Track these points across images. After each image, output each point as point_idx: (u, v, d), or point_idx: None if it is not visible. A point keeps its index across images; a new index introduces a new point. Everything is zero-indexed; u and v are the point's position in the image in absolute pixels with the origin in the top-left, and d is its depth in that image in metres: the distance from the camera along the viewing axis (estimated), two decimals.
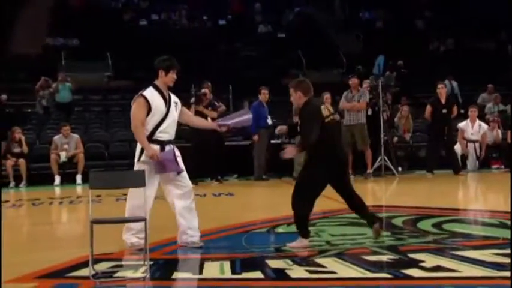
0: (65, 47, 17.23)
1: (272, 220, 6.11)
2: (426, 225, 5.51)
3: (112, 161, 11.87)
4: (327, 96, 11.37)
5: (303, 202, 4.63)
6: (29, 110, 14.40)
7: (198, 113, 10.30)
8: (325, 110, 4.76)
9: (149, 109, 4.68)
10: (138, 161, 4.78)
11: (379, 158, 10.83)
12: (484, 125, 12.13)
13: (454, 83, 15.73)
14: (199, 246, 4.76)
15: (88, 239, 3.93)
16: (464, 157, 11.82)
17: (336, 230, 5.45)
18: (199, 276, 3.90)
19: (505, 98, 14.34)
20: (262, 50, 18.74)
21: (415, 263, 3.94)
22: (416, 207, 6.89)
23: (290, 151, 4.68)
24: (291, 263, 4.08)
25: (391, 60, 15.48)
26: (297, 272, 3.87)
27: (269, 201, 8.81)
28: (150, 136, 4.72)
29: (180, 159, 4.85)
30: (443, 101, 10.81)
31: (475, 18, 19.30)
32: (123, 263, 4.38)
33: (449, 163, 10.93)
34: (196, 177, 10.42)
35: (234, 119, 5.11)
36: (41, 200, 8.86)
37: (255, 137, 10.87)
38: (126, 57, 16.58)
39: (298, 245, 4.60)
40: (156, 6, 20.56)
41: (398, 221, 5.83)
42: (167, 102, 4.77)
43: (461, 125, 11.87)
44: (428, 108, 10.93)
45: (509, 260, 3.80)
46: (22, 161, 11.12)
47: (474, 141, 11.90)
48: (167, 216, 6.62)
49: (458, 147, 11.58)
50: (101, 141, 12.69)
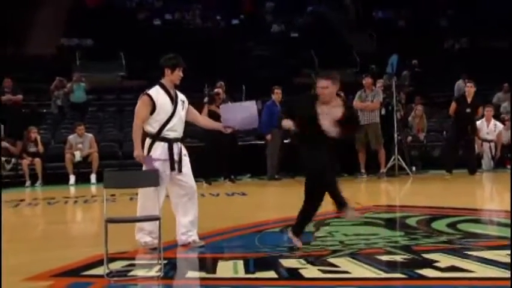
0: (79, 47, 17.36)
1: (285, 220, 6.09)
2: (440, 225, 5.47)
3: (126, 161, 11.91)
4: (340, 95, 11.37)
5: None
6: (44, 110, 14.53)
7: (211, 113, 10.32)
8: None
9: (154, 107, 4.70)
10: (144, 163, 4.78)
11: (393, 157, 10.78)
12: (499, 125, 12.01)
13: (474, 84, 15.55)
14: (201, 245, 4.77)
15: (102, 237, 3.96)
16: (479, 156, 11.72)
17: (349, 229, 5.43)
18: (213, 275, 3.92)
19: None
20: (275, 49, 18.72)
21: (429, 263, 3.92)
22: (431, 207, 6.84)
23: (285, 122, 4.52)
24: (305, 262, 4.08)
25: (405, 60, 15.40)
26: (311, 271, 3.86)
27: (282, 200, 8.81)
28: (158, 134, 4.73)
29: (187, 159, 4.88)
30: (469, 100, 10.65)
31: (490, 17, 19.12)
32: (137, 262, 4.41)
33: (466, 163, 10.81)
34: (209, 177, 10.48)
35: (238, 117, 5.01)
36: (56, 199, 8.94)
37: (268, 137, 10.87)
38: (140, 57, 16.65)
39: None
40: (169, 6, 20.64)
41: (412, 221, 5.80)
42: (173, 100, 4.78)
43: (477, 123, 11.75)
44: (453, 105, 10.77)
45: None
46: (38, 160, 11.22)
47: (489, 141, 11.79)
48: None
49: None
50: (114, 140, 12.77)
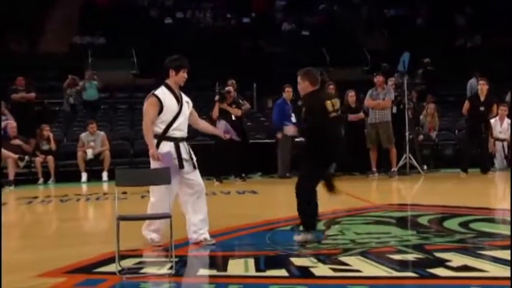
0: (91, 46, 17.45)
1: (296, 218, 6.06)
2: (452, 224, 5.45)
3: (137, 158, 11.99)
4: (351, 94, 11.36)
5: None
6: (57, 108, 14.63)
7: (222, 111, 10.35)
8: (330, 105, 4.79)
9: (161, 108, 4.77)
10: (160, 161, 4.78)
11: (404, 156, 10.73)
12: None
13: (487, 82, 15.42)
14: (213, 243, 4.80)
15: (114, 235, 3.99)
16: (492, 155, 11.62)
17: (360, 228, 5.42)
18: (224, 273, 3.93)
19: None
20: (286, 47, 18.69)
21: (441, 263, 3.91)
22: (442, 206, 6.81)
23: (290, 129, 5.03)
24: (316, 261, 4.08)
25: (417, 58, 15.28)
26: (322, 270, 3.86)
27: (293, 199, 8.77)
28: (164, 134, 4.79)
29: (193, 158, 4.91)
30: (483, 98, 10.57)
31: (504, 14, 18.93)
32: (149, 260, 4.44)
33: (479, 161, 10.72)
34: (220, 175, 10.50)
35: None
36: (69, 196, 9.01)
37: (279, 135, 10.87)
38: (152, 55, 16.68)
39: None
40: (181, 4, 20.67)
41: (423, 220, 5.78)
42: (179, 100, 4.85)
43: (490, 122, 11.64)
44: (466, 103, 10.70)
45: None
46: (50, 158, 11.30)
47: (502, 140, 11.69)
48: None
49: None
50: (126, 138, 12.83)
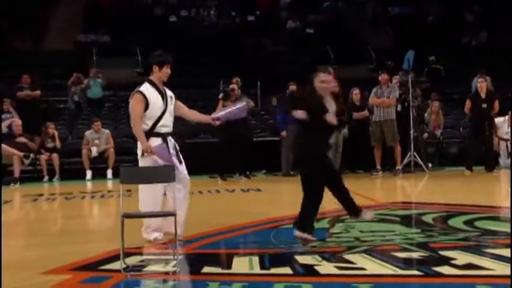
0: (96, 44, 17.48)
1: None
2: (457, 222, 5.43)
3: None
4: (356, 92, 11.34)
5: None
6: (62, 105, 14.67)
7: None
8: None
9: (147, 104, 4.80)
10: (141, 156, 4.86)
11: (409, 154, 10.71)
12: None
13: (488, 79, 15.38)
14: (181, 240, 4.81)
15: (119, 232, 3.99)
16: (497, 154, 11.59)
17: (365, 226, 5.40)
18: (228, 271, 3.93)
19: None
20: (290, 45, 18.68)
21: (446, 261, 3.90)
22: (447, 204, 6.80)
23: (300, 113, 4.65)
24: (320, 259, 4.07)
25: (422, 56, 15.23)
26: (326, 268, 3.86)
27: (297, 197, 8.76)
28: (151, 130, 4.83)
29: (179, 154, 4.95)
30: (483, 95, 10.56)
31: (509, 11, 18.84)
32: (153, 257, 4.44)
33: (483, 160, 10.69)
34: (224, 173, 10.52)
35: (227, 111, 5.12)
36: (74, 194, 9.04)
37: (283, 133, 10.87)
38: None
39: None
40: (185, 2, 20.68)
41: (428, 218, 5.76)
42: (164, 96, 4.89)
43: (498, 121, 11.58)
44: (468, 102, 10.69)
45: None
46: (55, 155, 11.34)
47: (506, 140, 11.64)
48: (196, 212, 6.70)
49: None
50: (130, 136, 12.78)
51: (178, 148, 4.97)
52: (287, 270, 3.85)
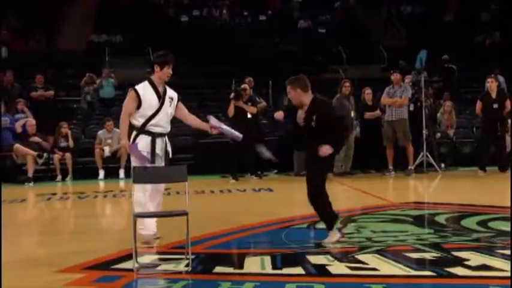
0: (108, 44, 17.57)
1: (312, 216, 6.07)
2: (471, 222, 5.39)
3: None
4: (368, 91, 11.30)
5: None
6: (75, 105, 14.77)
7: (237, 109, 10.37)
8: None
9: (140, 102, 4.86)
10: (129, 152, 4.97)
11: (421, 154, 10.64)
12: None
13: (500, 78, 15.23)
14: (157, 237, 4.91)
15: (131, 232, 4.02)
16: (510, 153, 11.46)
17: (377, 226, 5.39)
18: (240, 270, 3.93)
19: None
20: (302, 45, 18.65)
21: (460, 262, 3.87)
22: (460, 204, 6.74)
23: (326, 150, 4.49)
24: (332, 259, 4.06)
25: (434, 55, 15.12)
26: (338, 268, 3.85)
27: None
28: (142, 127, 4.88)
29: (167, 156, 4.97)
30: (494, 95, 10.48)
31: None
32: (165, 257, 4.46)
33: (497, 160, 10.59)
34: (236, 173, 10.52)
35: (225, 127, 5.16)
36: (86, 193, 9.09)
37: None
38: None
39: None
40: (197, 2, 20.72)
41: (441, 218, 5.73)
42: (160, 96, 4.92)
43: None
44: (479, 103, 10.62)
45: None
46: (68, 155, 11.41)
47: None
48: (207, 211, 6.72)
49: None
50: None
51: (169, 149, 4.99)
52: (299, 270, 3.85)
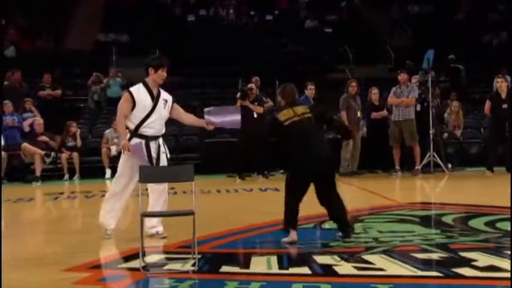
0: (115, 43, 17.61)
1: (318, 216, 6.06)
2: (478, 223, 5.37)
3: None
4: (374, 91, 11.27)
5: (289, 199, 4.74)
6: (82, 104, 14.82)
7: (244, 108, 10.36)
8: (284, 115, 4.74)
9: (134, 104, 4.93)
10: (123, 153, 5.08)
11: (428, 154, 10.61)
12: None
13: (508, 78, 15.16)
14: (164, 236, 4.99)
15: (138, 231, 4.03)
16: None
17: (384, 226, 5.38)
18: (247, 270, 3.94)
19: None
20: (308, 45, 18.63)
21: (467, 262, 3.86)
22: (467, 205, 6.71)
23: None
24: (339, 259, 4.06)
25: (441, 55, 15.06)
26: (345, 268, 3.85)
27: (315, 197, 8.76)
28: (136, 130, 4.96)
29: (164, 156, 5.07)
30: (504, 95, 10.41)
31: None
32: (172, 256, 4.46)
33: (505, 160, 10.53)
34: (242, 172, 10.53)
35: (221, 117, 5.12)
36: (93, 192, 9.12)
37: None
38: (174, 52, 16.78)
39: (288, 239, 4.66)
40: (204, 1, 20.74)
41: (448, 219, 5.71)
42: (154, 98, 4.98)
43: None
44: (488, 103, 10.57)
45: None
46: (76, 154, 11.45)
47: None
48: (214, 211, 6.72)
49: None
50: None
51: (162, 151, 5.05)
52: (305, 270, 3.84)
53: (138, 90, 4.99)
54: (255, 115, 10.45)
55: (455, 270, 3.68)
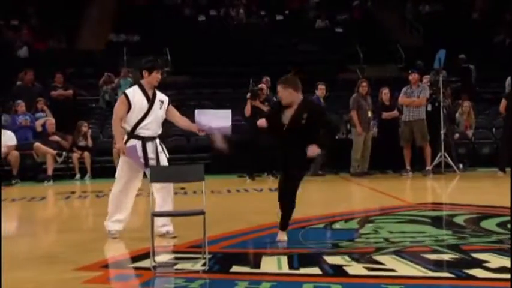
0: (126, 43, 17.69)
1: (328, 216, 6.07)
2: (490, 224, 5.33)
3: (171, 155, 12.07)
4: (385, 91, 11.23)
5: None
6: (93, 104, 14.90)
7: (254, 108, 10.37)
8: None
9: (129, 106, 5.00)
10: (126, 155, 5.09)
11: (439, 154, 10.55)
12: None
13: None
14: (174, 236, 5.01)
15: (149, 231, 4.04)
16: None
17: (394, 227, 5.35)
18: (257, 270, 3.94)
19: None
20: (319, 45, 18.60)
21: (479, 263, 3.83)
22: (479, 205, 6.66)
23: (314, 149, 4.45)
24: (349, 259, 4.05)
25: (452, 54, 14.97)
26: (355, 268, 3.83)
27: (325, 197, 8.78)
28: (132, 132, 5.03)
29: (163, 156, 5.16)
30: None
31: None
32: (182, 256, 4.47)
33: None
34: (252, 172, 10.53)
35: (212, 122, 5.09)
36: (104, 192, 9.13)
37: None
38: (185, 52, 16.85)
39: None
40: (214, 2, 20.78)
41: (459, 219, 5.67)
42: (150, 100, 5.04)
43: None
44: (503, 102, 10.49)
45: None
46: (87, 154, 11.52)
47: None
48: (224, 211, 6.74)
49: None
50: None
51: (160, 151, 5.13)
52: (316, 270, 3.84)
53: (134, 92, 5.08)
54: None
55: (467, 271, 3.66)
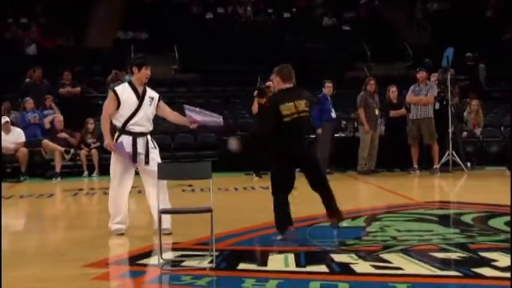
0: (134, 41, 17.72)
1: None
2: (498, 223, 5.31)
3: (178, 153, 12.14)
4: (393, 89, 11.20)
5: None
6: (101, 102, 14.93)
7: (261, 106, 10.37)
8: (288, 108, 4.72)
9: (119, 103, 5.04)
10: (114, 151, 5.14)
11: (447, 153, 10.51)
12: None
13: None
14: (170, 232, 5.01)
15: (155, 228, 4.06)
16: None
17: (402, 225, 5.35)
18: (264, 267, 3.94)
19: None
20: (326, 42, 18.55)
21: (487, 262, 3.82)
22: (487, 204, 6.63)
23: (234, 144, 4.77)
24: (356, 257, 4.04)
25: (460, 53, 14.90)
26: (362, 266, 3.83)
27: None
28: (123, 128, 5.07)
29: (155, 151, 5.15)
30: None
31: None
32: (190, 253, 4.49)
33: None
34: (259, 170, 10.53)
35: (202, 116, 5.15)
36: None
37: (319, 130, 10.80)
38: (193, 50, 16.86)
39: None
40: None
41: (467, 218, 5.65)
42: (139, 97, 5.07)
43: None
44: None
45: None
46: (94, 151, 11.56)
47: None
48: (231, 209, 6.75)
49: None
50: (167, 132, 12.96)
51: (151, 146, 5.12)
52: (323, 268, 3.84)
53: (123, 89, 5.12)
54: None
55: (475, 270, 3.65)
